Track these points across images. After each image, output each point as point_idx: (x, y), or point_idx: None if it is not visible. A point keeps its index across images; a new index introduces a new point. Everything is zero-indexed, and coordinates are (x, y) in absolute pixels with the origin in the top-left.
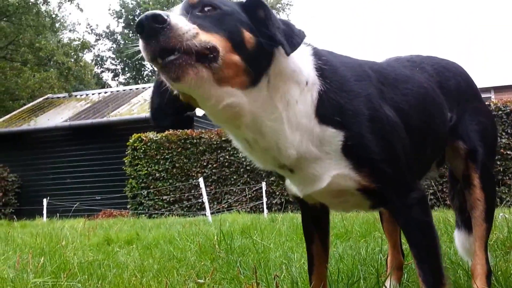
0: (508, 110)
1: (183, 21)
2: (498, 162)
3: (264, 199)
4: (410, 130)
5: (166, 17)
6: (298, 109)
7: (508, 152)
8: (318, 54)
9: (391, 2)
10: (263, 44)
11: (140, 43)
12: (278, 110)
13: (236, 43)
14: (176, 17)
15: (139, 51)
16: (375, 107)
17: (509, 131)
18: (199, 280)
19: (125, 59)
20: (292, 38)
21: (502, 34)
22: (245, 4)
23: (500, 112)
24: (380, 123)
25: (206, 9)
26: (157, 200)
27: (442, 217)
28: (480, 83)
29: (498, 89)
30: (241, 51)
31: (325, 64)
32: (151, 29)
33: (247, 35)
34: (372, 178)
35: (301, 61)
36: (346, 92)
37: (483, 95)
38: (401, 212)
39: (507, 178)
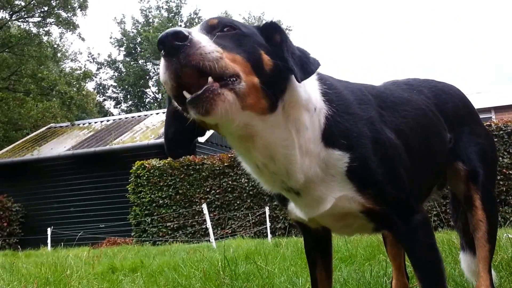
0: (509, 130)
1: (207, 40)
2: (501, 182)
3: (268, 224)
4: (410, 152)
5: (187, 34)
6: (308, 135)
7: (511, 172)
8: (322, 79)
9: (390, 26)
10: (280, 67)
11: (161, 62)
12: (291, 137)
13: (255, 65)
14: (199, 34)
15: (139, 78)
16: (377, 129)
17: (511, 151)
18: None
19: (126, 87)
20: (306, 65)
21: (503, 54)
22: (262, 27)
23: (501, 132)
24: (382, 145)
25: (225, 29)
26: (161, 227)
27: (446, 238)
28: (480, 104)
29: (498, 109)
30: (259, 74)
31: (330, 89)
32: (172, 46)
33: (265, 57)
34: (376, 200)
35: (310, 88)
36: (351, 115)
37: (483, 116)
38: (405, 235)
39: (511, 198)
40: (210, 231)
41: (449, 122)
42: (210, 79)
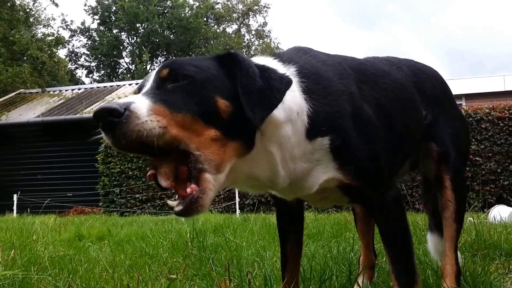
0: (478, 117)
1: (147, 110)
2: (467, 168)
3: (237, 200)
4: (388, 125)
5: (123, 110)
6: (291, 144)
7: (477, 158)
8: (302, 72)
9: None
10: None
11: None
12: (272, 156)
13: (210, 117)
14: (139, 105)
15: (113, 48)
16: (357, 105)
17: (478, 138)
18: (171, 276)
19: (99, 56)
20: (268, 99)
21: (474, 41)
22: (220, 58)
23: (470, 119)
24: (361, 121)
25: (178, 80)
26: (129, 198)
27: (411, 220)
28: (452, 90)
29: (469, 97)
30: (220, 125)
31: (309, 78)
32: (107, 122)
33: (222, 103)
34: (353, 176)
35: (289, 95)
36: (331, 94)
37: None
38: (377, 210)
39: (476, 184)
40: None
41: (425, 101)
42: (188, 189)
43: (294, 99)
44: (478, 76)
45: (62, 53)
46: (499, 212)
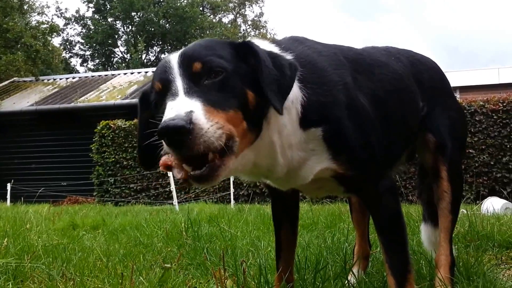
0: (472, 110)
1: (206, 118)
2: None
3: (232, 190)
4: (384, 116)
5: (189, 126)
6: (287, 131)
7: (470, 151)
8: (298, 61)
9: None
10: (263, 99)
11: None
12: (273, 144)
13: (244, 111)
14: (199, 116)
15: (108, 36)
16: (351, 95)
17: (472, 130)
18: (165, 265)
19: (94, 44)
20: (283, 85)
21: (468, 34)
22: (237, 46)
23: (464, 111)
24: (356, 112)
25: (213, 75)
26: (124, 188)
27: (405, 211)
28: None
29: (463, 89)
30: (247, 117)
31: (304, 67)
32: (174, 141)
33: (251, 96)
34: (347, 165)
35: None
36: (326, 84)
37: None
38: (372, 199)
39: (469, 176)
40: (174, 194)
41: (423, 92)
42: (210, 155)
43: None
44: (472, 68)
45: (56, 41)
46: (492, 204)
